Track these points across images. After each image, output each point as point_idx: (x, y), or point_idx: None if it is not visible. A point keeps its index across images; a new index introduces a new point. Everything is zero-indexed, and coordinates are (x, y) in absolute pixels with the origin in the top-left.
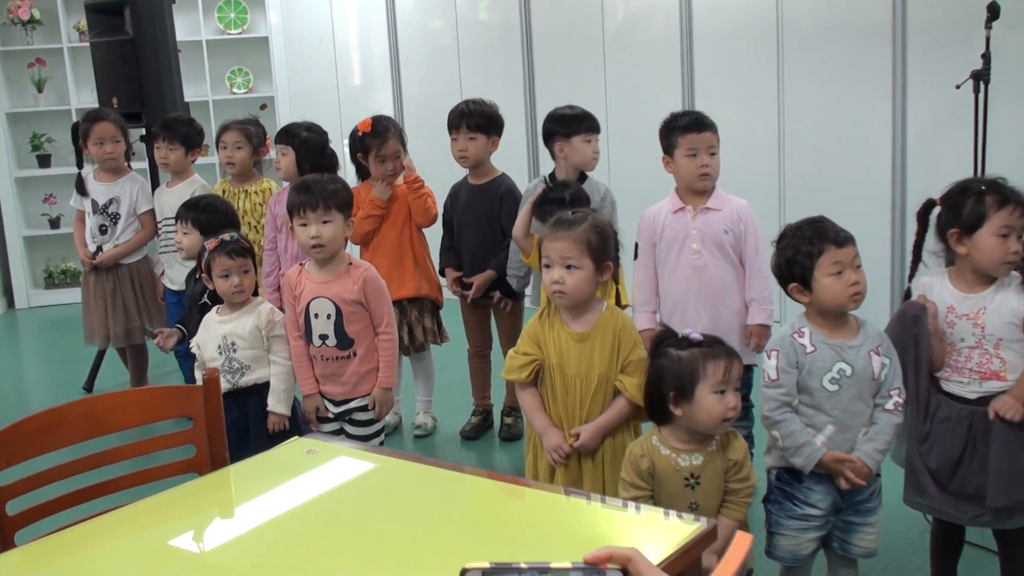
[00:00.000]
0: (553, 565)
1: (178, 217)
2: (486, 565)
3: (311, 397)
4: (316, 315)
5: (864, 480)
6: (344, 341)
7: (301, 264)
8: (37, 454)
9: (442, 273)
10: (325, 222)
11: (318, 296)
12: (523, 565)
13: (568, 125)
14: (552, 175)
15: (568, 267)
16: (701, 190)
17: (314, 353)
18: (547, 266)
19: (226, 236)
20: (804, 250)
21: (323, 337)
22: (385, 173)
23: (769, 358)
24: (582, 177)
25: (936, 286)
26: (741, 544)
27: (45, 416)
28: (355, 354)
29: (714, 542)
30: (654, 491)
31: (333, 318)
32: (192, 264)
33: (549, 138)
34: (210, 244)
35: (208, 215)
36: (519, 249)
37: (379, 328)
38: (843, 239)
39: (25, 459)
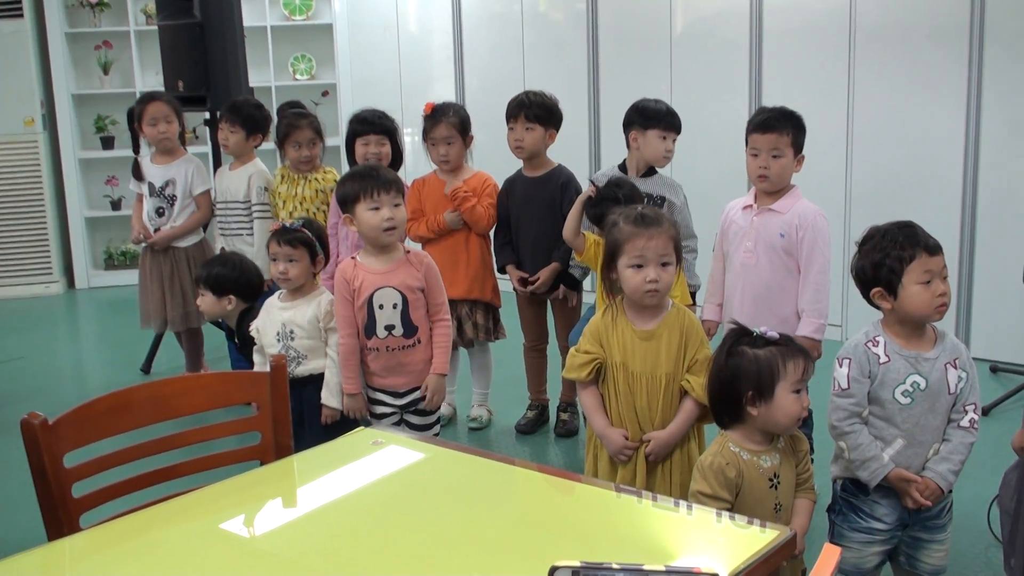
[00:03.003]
0: (646, 567)
1: (196, 280)
2: (576, 564)
3: (355, 397)
4: (381, 306)
5: (933, 501)
6: (410, 329)
7: (354, 258)
8: (103, 436)
9: (502, 270)
10: (396, 205)
11: (382, 287)
12: (615, 565)
13: (647, 117)
14: (622, 165)
15: (663, 264)
16: (761, 191)
17: (377, 345)
18: (638, 266)
19: (289, 223)
20: (895, 255)
21: (389, 328)
22: (438, 157)
23: (841, 366)
24: (650, 171)
25: None
26: (830, 557)
27: (112, 398)
28: (419, 341)
29: (795, 550)
30: (738, 497)
31: (399, 307)
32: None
33: (627, 126)
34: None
35: (212, 269)
36: (571, 248)
37: (437, 316)
38: (934, 247)
39: (91, 441)
